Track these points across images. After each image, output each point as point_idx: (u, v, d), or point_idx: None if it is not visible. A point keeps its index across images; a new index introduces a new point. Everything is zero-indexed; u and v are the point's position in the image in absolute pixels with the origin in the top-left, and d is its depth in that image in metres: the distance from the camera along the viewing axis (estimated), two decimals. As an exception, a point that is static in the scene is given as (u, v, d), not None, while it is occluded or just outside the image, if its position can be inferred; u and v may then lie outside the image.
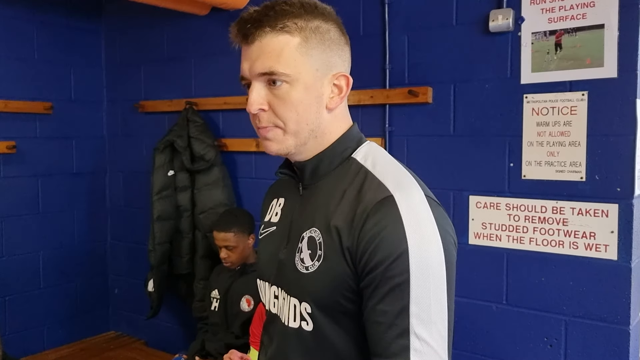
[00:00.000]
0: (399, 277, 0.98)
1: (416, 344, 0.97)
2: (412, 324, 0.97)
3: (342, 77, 1.13)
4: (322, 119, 1.13)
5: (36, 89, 3.66)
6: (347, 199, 1.08)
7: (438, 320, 0.99)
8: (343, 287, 1.05)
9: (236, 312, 2.95)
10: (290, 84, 1.08)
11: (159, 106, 3.72)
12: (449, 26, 2.61)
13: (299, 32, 1.07)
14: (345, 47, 1.15)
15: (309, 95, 1.10)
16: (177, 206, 3.40)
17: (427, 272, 0.99)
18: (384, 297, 0.99)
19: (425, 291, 0.98)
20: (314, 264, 1.08)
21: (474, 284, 2.59)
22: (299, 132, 1.11)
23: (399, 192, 1.04)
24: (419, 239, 1.00)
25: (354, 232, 1.03)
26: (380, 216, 1.01)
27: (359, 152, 1.16)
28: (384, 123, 2.78)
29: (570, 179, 2.36)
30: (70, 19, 3.85)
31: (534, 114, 2.42)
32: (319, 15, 1.10)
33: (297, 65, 1.07)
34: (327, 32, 1.11)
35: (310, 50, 1.08)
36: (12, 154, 3.51)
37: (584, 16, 2.30)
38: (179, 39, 3.64)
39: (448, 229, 1.07)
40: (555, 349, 2.41)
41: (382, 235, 1.00)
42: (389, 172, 1.10)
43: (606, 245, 2.29)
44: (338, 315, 1.07)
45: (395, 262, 0.98)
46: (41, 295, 3.73)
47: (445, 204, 2.62)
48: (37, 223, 3.70)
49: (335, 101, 1.13)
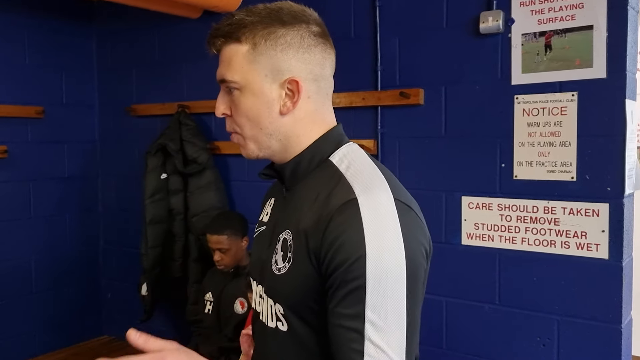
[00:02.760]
0: (356, 281, 0.97)
1: (370, 349, 0.96)
2: (367, 330, 0.96)
3: (294, 81, 1.11)
4: (279, 124, 1.13)
5: (27, 94, 3.64)
6: (318, 201, 1.07)
7: (395, 327, 0.97)
8: (311, 290, 1.05)
9: (230, 315, 2.95)
10: (240, 91, 1.12)
11: (151, 109, 3.71)
12: (440, 28, 2.63)
13: (247, 40, 1.10)
14: (312, 49, 1.13)
15: (258, 101, 1.11)
16: (169, 209, 3.40)
17: (385, 277, 0.97)
18: (341, 301, 0.99)
19: (381, 297, 0.97)
20: (285, 266, 1.09)
21: (467, 285, 2.61)
22: (256, 136, 1.14)
23: (364, 195, 1.03)
24: (377, 244, 0.98)
25: (318, 235, 1.03)
26: (341, 219, 1.01)
27: (336, 154, 1.15)
28: (376, 125, 2.79)
29: (561, 179, 2.38)
30: (62, 23, 3.84)
31: (524, 115, 2.44)
32: (276, 20, 1.10)
33: (244, 72, 1.10)
34: (282, 37, 1.10)
35: (258, 57, 1.10)
36: (4, 158, 3.49)
37: (573, 17, 2.32)
38: (170, 43, 3.64)
39: (416, 233, 1.06)
40: (548, 348, 2.43)
41: (342, 239, 0.99)
42: (360, 174, 1.09)
43: (597, 244, 2.30)
44: (309, 317, 1.08)
45: (353, 266, 0.98)
46: (33, 300, 3.72)
47: (437, 205, 2.64)
48: (29, 228, 3.68)
49: (288, 106, 1.12)
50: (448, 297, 2.66)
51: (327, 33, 1.17)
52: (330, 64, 1.18)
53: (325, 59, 1.16)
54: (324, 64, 1.15)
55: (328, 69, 1.17)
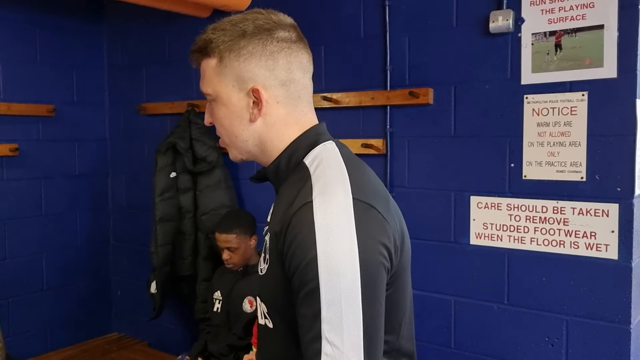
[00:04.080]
0: (311, 282, 1.00)
1: (327, 348, 0.98)
2: (324, 329, 0.98)
3: (255, 90, 1.15)
4: (252, 130, 1.18)
5: (39, 92, 3.68)
6: (288, 203, 1.10)
7: (351, 325, 0.98)
8: (285, 290, 1.08)
9: (238, 313, 2.96)
10: (215, 102, 1.20)
11: (160, 108, 3.73)
12: (450, 27, 2.63)
13: (215, 53, 1.17)
14: (275, 55, 1.15)
15: (229, 111, 1.18)
16: (179, 208, 3.41)
17: (337, 277, 0.99)
18: (302, 302, 1.02)
19: (335, 297, 0.98)
20: (264, 267, 1.15)
21: (475, 284, 2.60)
22: (234, 143, 1.21)
23: (320, 197, 1.05)
24: (328, 245, 1.00)
25: (281, 237, 1.07)
26: (296, 222, 1.04)
27: (309, 156, 1.17)
28: (385, 124, 2.79)
29: (570, 179, 2.37)
30: (73, 21, 3.87)
31: (534, 115, 2.43)
32: (239, 33, 1.15)
33: (214, 85, 1.18)
34: (245, 47, 1.14)
35: (224, 69, 1.16)
36: (15, 156, 3.53)
37: (584, 17, 2.31)
38: (180, 41, 3.65)
39: (374, 232, 1.05)
40: (556, 348, 2.42)
41: (297, 241, 1.03)
42: (323, 175, 1.10)
43: (607, 244, 2.30)
44: (287, 316, 1.10)
45: (307, 268, 1.00)
46: (44, 297, 3.75)
47: (446, 204, 2.64)
48: (40, 225, 3.72)
49: (255, 114, 1.17)
50: (456, 297, 2.66)
51: (299, 37, 1.19)
52: (298, 66, 1.18)
53: (291, 63, 1.17)
54: (289, 68, 1.17)
55: (297, 72, 1.18)
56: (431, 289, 2.71)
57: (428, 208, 2.68)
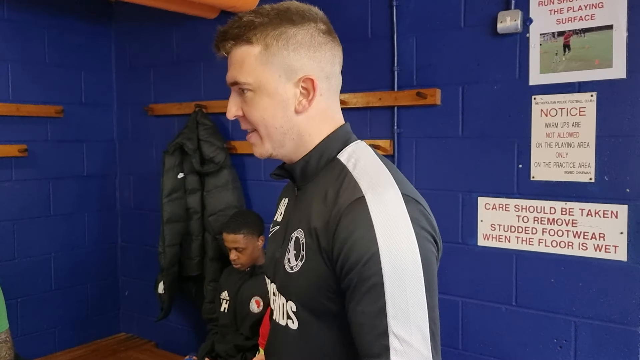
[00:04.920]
0: (373, 278, 0.99)
1: (396, 343, 0.97)
2: (390, 325, 0.97)
3: (308, 80, 1.13)
4: (294, 122, 1.15)
5: (47, 93, 3.69)
6: (327, 200, 1.09)
7: (417, 318, 0.99)
8: (324, 287, 1.07)
9: (246, 314, 2.96)
10: (254, 92, 1.13)
11: (168, 109, 3.74)
12: (457, 28, 2.62)
13: (259, 41, 1.11)
14: (322, 47, 1.14)
15: (273, 101, 1.13)
16: (187, 208, 3.42)
17: (401, 271, 0.99)
18: (361, 299, 1.00)
19: (400, 291, 0.98)
20: (298, 264, 1.11)
21: (484, 286, 2.59)
22: (271, 135, 1.15)
23: (371, 192, 1.04)
24: (389, 240, 1.00)
25: (329, 234, 1.05)
26: (351, 218, 1.02)
27: (344, 152, 1.16)
28: (393, 125, 2.79)
29: (579, 180, 2.36)
30: (81, 23, 3.88)
31: (542, 115, 2.42)
32: (285, 20, 1.11)
33: (257, 74, 1.11)
34: (294, 37, 1.11)
35: (271, 58, 1.11)
36: (24, 157, 3.54)
37: (593, 17, 2.30)
38: (188, 43, 3.66)
39: (425, 225, 1.06)
40: (565, 350, 2.41)
41: (354, 238, 1.01)
42: (367, 172, 1.10)
43: (615, 246, 2.28)
44: (322, 314, 1.09)
45: (368, 264, 0.99)
46: (52, 297, 3.77)
47: (453, 205, 2.64)
48: (49, 226, 3.73)
49: (304, 104, 1.14)
50: (464, 298, 2.65)
51: (333, 30, 1.18)
52: (339, 60, 1.19)
53: (335, 56, 1.17)
54: (333, 61, 1.17)
55: (337, 65, 1.19)
56: (439, 290, 2.69)
57: (435, 209, 2.63)
